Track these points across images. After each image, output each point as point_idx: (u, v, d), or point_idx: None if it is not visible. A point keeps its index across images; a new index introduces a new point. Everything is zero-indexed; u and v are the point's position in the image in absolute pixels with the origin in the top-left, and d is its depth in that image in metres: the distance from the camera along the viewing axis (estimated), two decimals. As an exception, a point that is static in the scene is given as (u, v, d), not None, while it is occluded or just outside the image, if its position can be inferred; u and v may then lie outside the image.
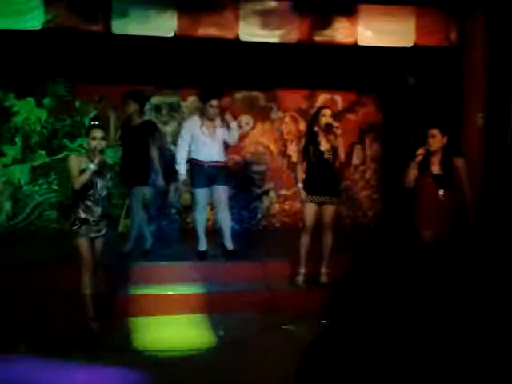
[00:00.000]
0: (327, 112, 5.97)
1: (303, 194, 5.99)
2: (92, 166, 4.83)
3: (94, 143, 4.90)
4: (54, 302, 5.32)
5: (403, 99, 8.20)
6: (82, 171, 4.86)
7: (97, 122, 5.06)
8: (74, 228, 4.93)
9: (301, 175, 6.07)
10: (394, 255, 5.50)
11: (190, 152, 6.50)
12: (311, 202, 5.94)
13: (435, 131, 5.30)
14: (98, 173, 4.94)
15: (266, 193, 8.76)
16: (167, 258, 6.55)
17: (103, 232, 5.05)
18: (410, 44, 6.87)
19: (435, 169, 5.33)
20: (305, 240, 6.01)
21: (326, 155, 5.91)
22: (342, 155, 5.93)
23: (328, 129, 5.83)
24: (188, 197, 8.22)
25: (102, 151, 4.94)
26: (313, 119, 6.11)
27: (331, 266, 6.04)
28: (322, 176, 5.92)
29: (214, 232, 6.95)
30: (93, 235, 4.98)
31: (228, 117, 6.50)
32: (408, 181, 5.36)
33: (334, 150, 5.90)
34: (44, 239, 7.58)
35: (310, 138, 5.96)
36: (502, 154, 6.85)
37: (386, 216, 8.71)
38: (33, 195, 8.14)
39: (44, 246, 7.06)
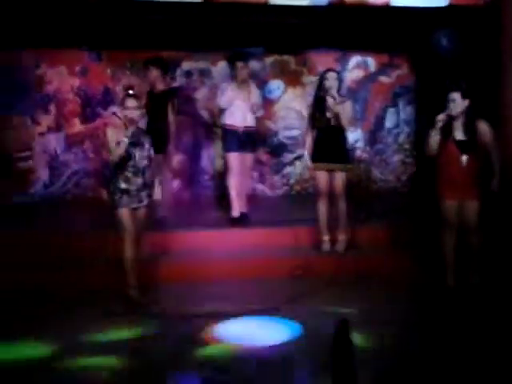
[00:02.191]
0: (331, 75, 5.82)
1: (309, 162, 5.97)
2: (125, 139, 4.80)
3: (126, 113, 4.91)
4: (94, 269, 5.46)
5: (437, 61, 7.99)
6: (119, 143, 4.83)
7: (131, 92, 5.04)
8: (116, 198, 4.95)
9: (308, 143, 6.01)
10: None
11: (223, 116, 6.52)
12: (321, 169, 5.88)
13: (455, 95, 5.10)
14: (135, 143, 4.92)
15: (299, 158, 8.73)
16: (200, 225, 6.62)
17: (145, 202, 5.04)
18: (444, 3, 6.68)
19: (458, 134, 5.11)
20: (322, 207, 5.97)
21: (334, 121, 5.80)
22: (344, 121, 5.78)
23: (328, 96, 5.71)
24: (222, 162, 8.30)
25: (136, 121, 4.93)
26: (318, 83, 5.95)
27: (355, 232, 6.13)
28: (330, 143, 5.83)
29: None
30: (134, 205, 4.98)
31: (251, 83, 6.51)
32: (430, 149, 5.18)
33: (339, 115, 5.74)
34: (81, 207, 7.72)
35: (317, 104, 5.85)
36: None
37: (419, 180, 8.61)
38: (69, 163, 8.27)
39: (81, 214, 7.20)
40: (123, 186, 4.93)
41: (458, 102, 5.08)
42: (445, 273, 5.27)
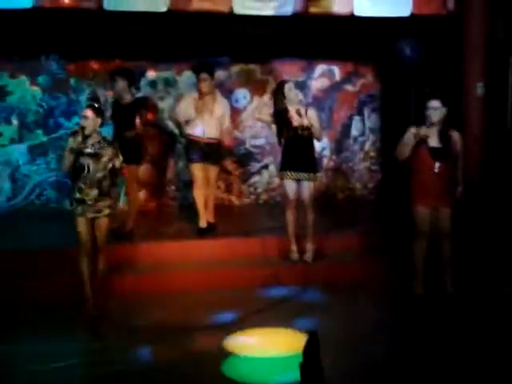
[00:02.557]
0: (289, 86, 5.85)
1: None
2: (72, 148, 4.78)
3: (83, 122, 4.87)
4: (56, 282, 5.36)
5: (402, 69, 8.09)
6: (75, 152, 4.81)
7: (89, 103, 5.04)
8: (71, 208, 4.96)
9: None
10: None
11: (186, 127, 6.48)
12: (289, 178, 5.88)
13: (436, 103, 5.14)
14: (91, 155, 4.86)
15: (266, 167, 8.72)
16: (167, 236, 6.56)
17: (104, 213, 4.97)
18: (406, 13, 6.77)
19: (433, 141, 5.14)
20: (289, 217, 5.98)
21: (300, 130, 5.81)
22: (317, 133, 5.87)
23: (300, 105, 5.74)
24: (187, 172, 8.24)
25: (88, 131, 4.83)
26: (278, 95, 5.94)
27: (323, 241, 6.15)
28: (298, 152, 5.84)
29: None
30: (91, 216, 4.93)
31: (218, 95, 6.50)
32: (402, 154, 5.20)
33: (307, 125, 5.77)
34: (44, 219, 7.57)
35: (280, 116, 5.85)
36: (502, 122, 6.80)
37: (385, 187, 8.68)
38: (31, 175, 8.11)
39: (44, 226, 7.06)
40: (78, 196, 4.91)
41: (438, 110, 5.10)
42: (412, 280, 5.30)
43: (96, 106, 5.03)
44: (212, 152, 6.42)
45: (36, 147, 8.07)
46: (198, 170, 6.41)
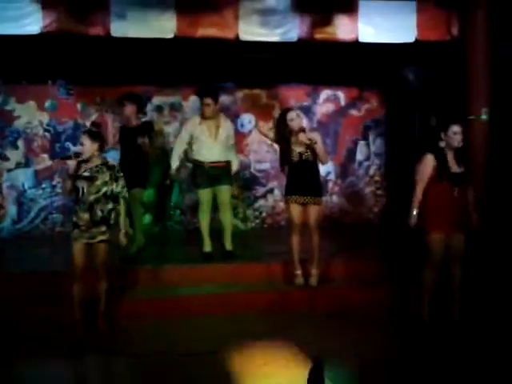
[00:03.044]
0: (293, 115, 5.83)
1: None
2: (68, 173, 4.91)
3: (81, 149, 4.96)
4: (56, 307, 5.31)
5: (406, 94, 8.14)
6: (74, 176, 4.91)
7: (86, 129, 5.12)
8: (71, 230, 5.00)
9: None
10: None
11: (191, 152, 6.49)
12: (294, 202, 5.87)
13: (457, 127, 5.03)
14: (86, 178, 4.90)
15: (271, 191, 8.74)
16: (171, 260, 6.55)
17: (100, 239, 4.94)
18: (411, 40, 6.82)
19: (453, 167, 5.05)
20: (294, 241, 5.94)
21: (305, 156, 5.81)
22: (323, 158, 5.87)
23: (301, 132, 5.75)
24: (193, 197, 8.27)
25: (92, 156, 4.92)
26: (280, 124, 5.92)
27: (328, 265, 6.11)
28: (303, 177, 5.83)
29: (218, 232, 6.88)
30: (85, 241, 4.92)
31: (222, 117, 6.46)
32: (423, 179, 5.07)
33: (311, 149, 5.78)
34: (49, 243, 7.58)
35: (284, 144, 5.86)
36: (506, 148, 6.80)
37: (390, 212, 8.67)
38: (37, 199, 8.15)
39: (48, 250, 7.06)
40: (74, 219, 4.98)
41: (458, 135, 5.03)
42: (419, 307, 5.23)
43: (93, 131, 5.09)
44: (219, 175, 6.35)
45: (42, 171, 8.12)
46: (203, 194, 6.39)
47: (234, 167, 6.51)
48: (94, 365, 4.55)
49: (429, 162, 5.07)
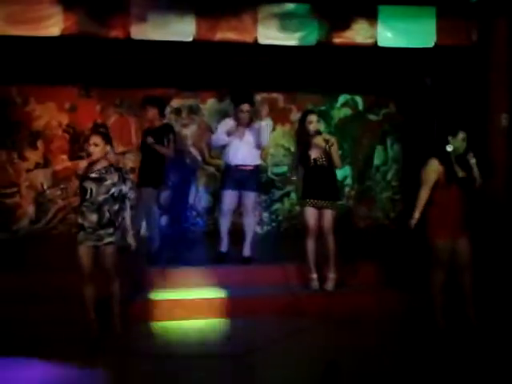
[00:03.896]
0: (313, 118, 5.85)
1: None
2: (78, 173, 4.96)
3: (90, 150, 4.94)
4: (70, 307, 5.35)
5: (424, 100, 8.10)
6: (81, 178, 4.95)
7: (97, 128, 5.13)
8: (77, 233, 4.97)
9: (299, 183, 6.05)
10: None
11: (223, 154, 6.52)
12: (310, 206, 5.88)
13: (463, 134, 5.07)
14: (95, 179, 4.89)
15: (287, 195, 8.74)
16: (187, 261, 6.57)
17: (107, 241, 4.91)
18: (430, 44, 6.77)
19: (459, 172, 5.08)
20: (310, 245, 5.95)
21: (320, 161, 5.84)
22: (337, 162, 5.87)
23: (317, 135, 5.78)
24: (210, 199, 8.33)
25: (97, 157, 4.91)
26: (300, 126, 5.96)
27: (344, 270, 6.09)
28: (319, 181, 5.85)
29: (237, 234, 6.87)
30: (91, 244, 4.89)
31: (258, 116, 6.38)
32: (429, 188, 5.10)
33: (326, 154, 5.81)
34: (66, 243, 7.61)
35: (301, 148, 5.90)
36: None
37: (407, 217, 8.60)
38: (55, 199, 8.23)
39: (66, 250, 7.10)
40: (80, 220, 4.94)
41: (465, 142, 5.07)
42: (434, 313, 5.20)
43: (105, 132, 5.16)
44: (246, 179, 6.32)
45: (60, 172, 8.19)
46: (227, 197, 6.36)
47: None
48: (111, 365, 4.55)
49: (433, 167, 5.07)
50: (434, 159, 5.09)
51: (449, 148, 5.05)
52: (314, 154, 5.86)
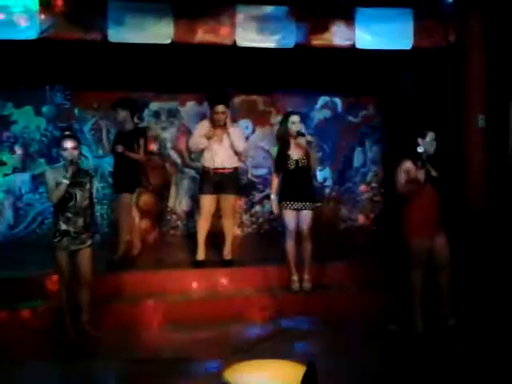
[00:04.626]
0: (296, 119, 5.85)
1: (274, 205, 6.02)
2: (64, 180, 4.76)
3: (65, 154, 4.84)
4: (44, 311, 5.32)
5: (403, 101, 8.16)
6: (59, 184, 4.79)
7: (68, 132, 5.06)
8: (55, 240, 4.89)
9: (274, 185, 6.05)
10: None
11: (201, 157, 6.47)
12: (288, 208, 5.88)
13: (433, 134, 5.13)
14: (76, 184, 4.87)
15: (267, 197, 8.72)
16: (165, 265, 6.55)
17: (88, 243, 4.97)
18: (408, 47, 6.84)
19: (432, 171, 5.10)
20: (290, 247, 5.96)
21: (301, 162, 5.84)
22: (316, 163, 5.94)
23: (299, 136, 5.77)
24: (190, 202, 8.30)
25: (75, 162, 4.85)
26: (282, 126, 5.97)
27: (323, 271, 6.13)
28: (298, 183, 5.85)
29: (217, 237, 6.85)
30: (74, 248, 4.91)
31: (228, 121, 6.32)
32: (403, 188, 5.15)
33: (307, 156, 5.83)
34: (45, 247, 7.54)
35: (283, 147, 5.88)
36: (503, 154, 6.81)
37: (386, 218, 8.68)
38: (33, 204, 8.15)
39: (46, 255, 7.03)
40: (63, 227, 4.87)
41: (435, 141, 5.12)
42: (412, 313, 5.22)
43: (74, 136, 5.10)
44: (224, 182, 6.28)
45: (39, 176, 8.11)
46: (206, 201, 6.32)
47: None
48: (87, 369, 4.52)
49: (405, 167, 5.12)
50: (407, 160, 5.13)
51: (419, 149, 5.08)
52: (295, 155, 5.86)
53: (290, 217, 5.91)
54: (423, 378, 4.37)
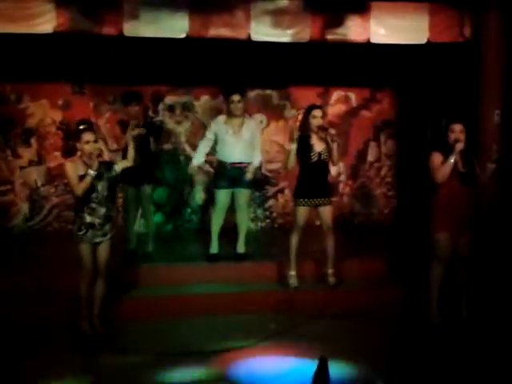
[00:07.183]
0: (318, 113, 5.73)
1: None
2: (92, 172, 4.79)
3: (87, 148, 4.83)
4: (61, 304, 5.36)
5: (418, 96, 8.12)
6: (82, 177, 4.82)
7: (85, 126, 5.10)
8: (80, 233, 4.92)
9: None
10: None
11: (216, 153, 6.44)
12: (305, 205, 5.80)
13: (461, 126, 5.04)
14: (98, 176, 4.89)
15: (281, 191, 8.75)
16: (180, 258, 6.61)
17: (108, 236, 5.02)
18: (423, 41, 6.80)
19: (460, 166, 5.05)
20: (294, 242, 5.92)
21: (323, 156, 5.76)
22: (335, 159, 5.78)
23: (321, 130, 5.69)
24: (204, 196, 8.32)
25: (95, 154, 4.87)
26: (304, 120, 5.85)
27: (339, 265, 6.10)
28: (317, 178, 5.78)
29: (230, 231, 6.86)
30: (97, 240, 4.96)
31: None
32: (444, 176, 5.01)
33: (328, 150, 5.74)
34: (60, 240, 7.61)
35: (303, 141, 5.75)
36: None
37: (401, 213, 8.65)
38: (49, 196, 8.22)
39: (60, 247, 7.10)
40: (89, 219, 4.91)
41: (463, 133, 5.03)
42: (428, 307, 5.22)
43: (92, 128, 5.13)
44: (240, 176, 6.26)
45: (54, 169, 8.18)
46: (222, 195, 6.31)
47: (255, 162, 6.34)
48: (101, 363, 4.57)
49: (437, 159, 5.06)
50: (437, 152, 5.08)
51: (459, 145, 4.96)
52: (318, 148, 5.75)
53: (303, 214, 5.85)
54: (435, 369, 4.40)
